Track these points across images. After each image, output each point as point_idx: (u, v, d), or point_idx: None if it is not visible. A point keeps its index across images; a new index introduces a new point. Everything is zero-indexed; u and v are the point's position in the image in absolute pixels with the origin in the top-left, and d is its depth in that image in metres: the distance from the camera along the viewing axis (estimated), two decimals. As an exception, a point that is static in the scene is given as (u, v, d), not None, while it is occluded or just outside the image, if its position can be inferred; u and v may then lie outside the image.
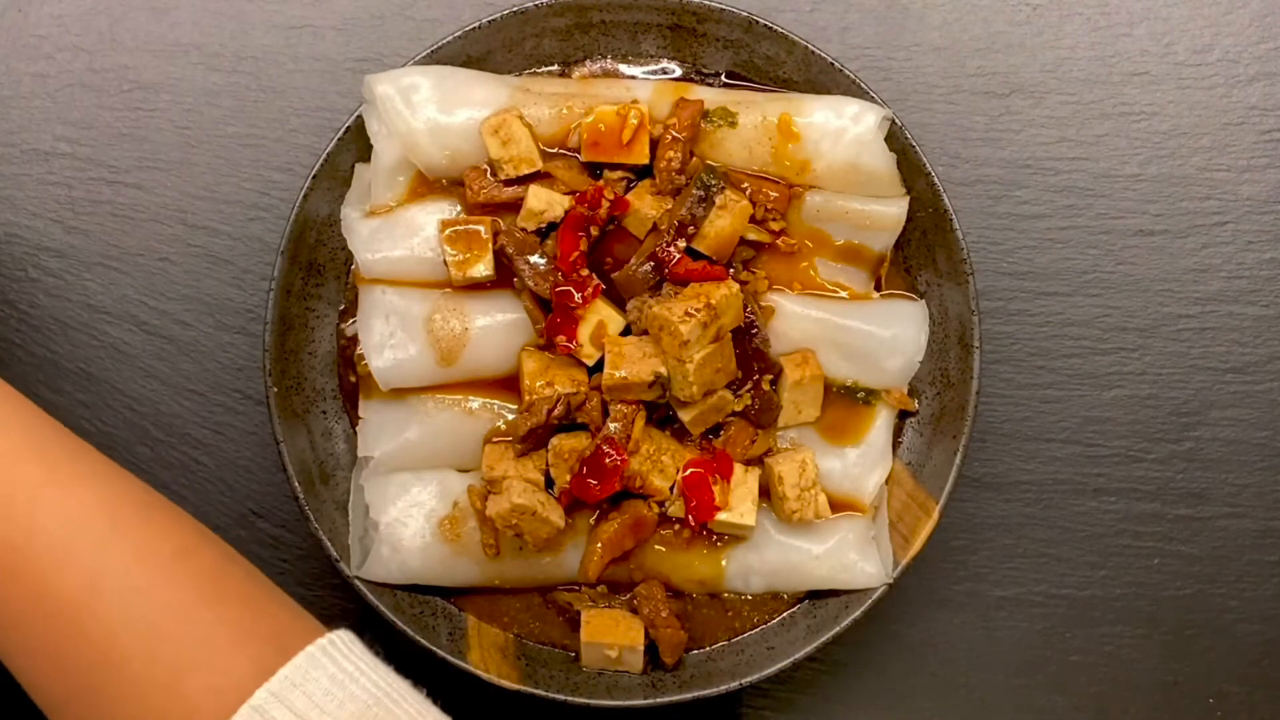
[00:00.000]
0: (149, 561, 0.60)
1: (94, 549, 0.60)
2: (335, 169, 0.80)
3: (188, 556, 0.62)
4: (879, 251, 0.81)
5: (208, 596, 0.61)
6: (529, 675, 0.77)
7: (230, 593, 0.62)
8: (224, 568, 0.63)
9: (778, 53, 0.82)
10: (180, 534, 0.63)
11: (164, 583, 0.60)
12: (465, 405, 0.78)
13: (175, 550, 0.62)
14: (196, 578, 0.61)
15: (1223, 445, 0.88)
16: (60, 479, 0.62)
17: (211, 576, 0.62)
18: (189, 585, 0.61)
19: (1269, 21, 0.91)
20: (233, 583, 0.63)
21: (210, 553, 0.63)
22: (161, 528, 0.62)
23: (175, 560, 0.61)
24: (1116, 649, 0.87)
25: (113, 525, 0.61)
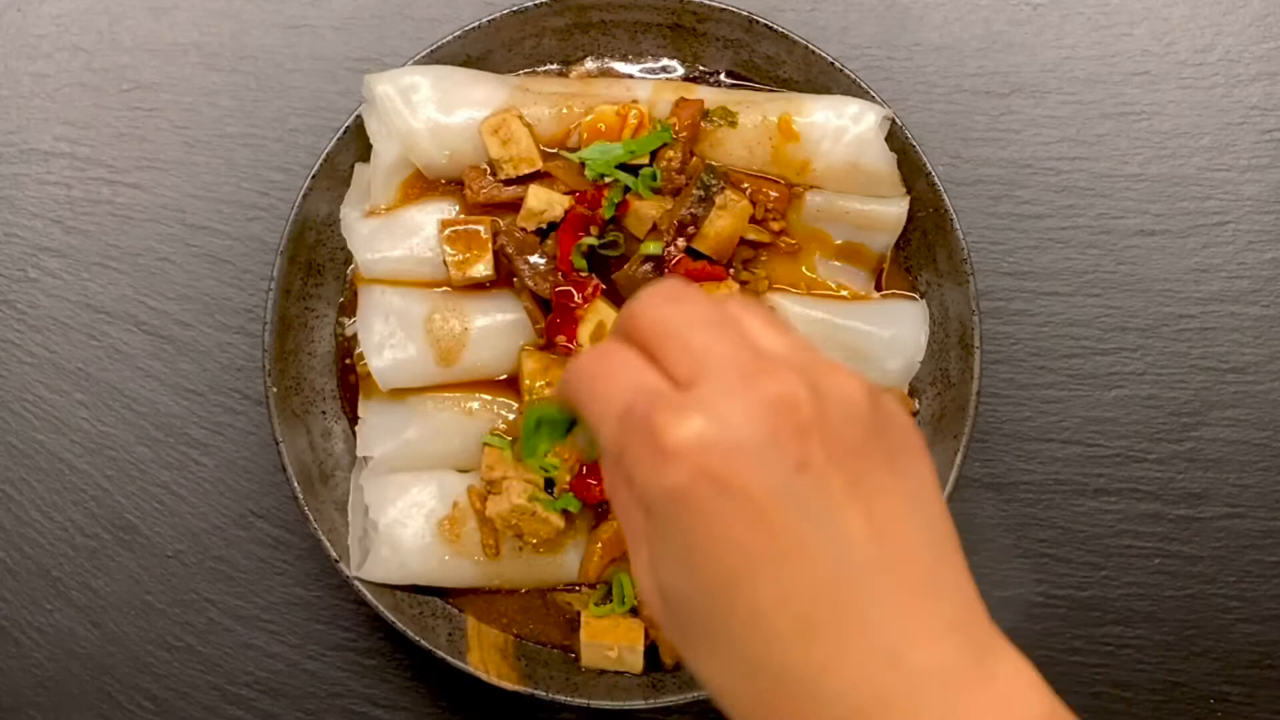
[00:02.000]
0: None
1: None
2: (335, 169, 0.80)
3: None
4: (879, 251, 0.81)
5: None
6: (529, 676, 0.77)
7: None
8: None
9: (778, 52, 0.81)
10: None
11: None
12: (465, 405, 0.78)
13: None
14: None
15: (1224, 445, 0.88)
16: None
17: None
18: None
19: (1269, 21, 0.91)
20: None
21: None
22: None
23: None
24: (1116, 649, 0.87)
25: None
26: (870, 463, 0.49)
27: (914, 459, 0.51)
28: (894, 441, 0.50)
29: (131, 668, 0.84)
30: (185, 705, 0.84)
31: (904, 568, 0.48)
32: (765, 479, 0.46)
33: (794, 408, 0.47)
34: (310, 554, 0.85)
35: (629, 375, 0.50)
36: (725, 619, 0.47)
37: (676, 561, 0.48)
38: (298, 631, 0.85)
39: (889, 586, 0.47)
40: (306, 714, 0.84)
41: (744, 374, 0.48)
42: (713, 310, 0.51)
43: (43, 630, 0.85)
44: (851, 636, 0.47)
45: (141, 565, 0.85)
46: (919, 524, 0.49)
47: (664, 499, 0.47)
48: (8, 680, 0.85)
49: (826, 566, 0.47)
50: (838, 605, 0.47)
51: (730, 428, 0.46)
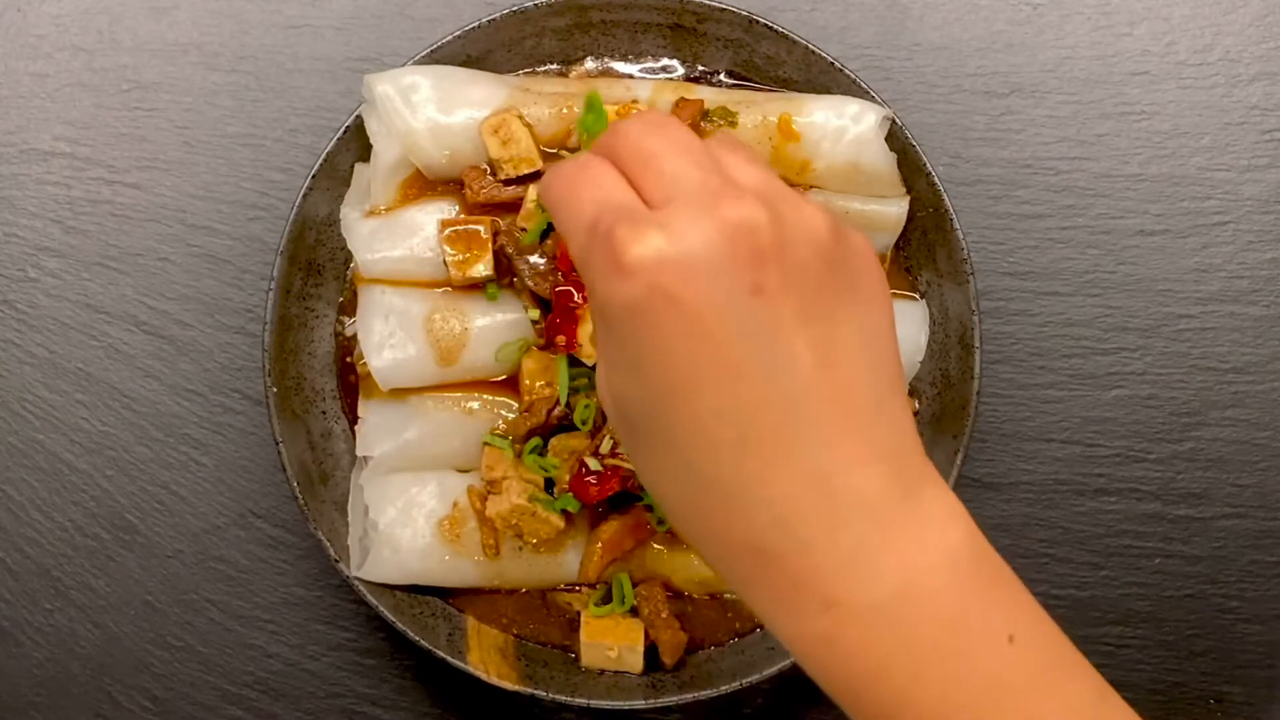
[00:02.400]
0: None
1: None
2: (335, 169, 0.80)
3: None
4: (879, 251, 0.81)
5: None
6: (529, 676, 0.77)
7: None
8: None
9: (778, 52, 0.81)
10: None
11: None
12: (465, 405, 0.78)
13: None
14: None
15: (1224, 445, 0.88)
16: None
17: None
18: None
19: (1270, 21, 0.91)
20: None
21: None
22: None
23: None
24: (1117, 649, 0.87)
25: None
26: (825, 294, 0.50)
27: (871, 297, 0.52)
28: (854, 277, 0.52)
29: (131, 668, 0.84)
30: (185, 705, 0.84)
31: (844, 397, 0.50)
32: (718, 298, 0.48)
33: (754, 233, 0.49)
34: (310, 554, 0.85)
35: (602, 188, 0.51)
36: (669, 426, 0.50)
37: (628, 369, 0.50)
38: (298, 631, 0.85)
39: (825, 412, 0.49)
40: (306, 714, 0.84)
41: (710, 198, 0.49)
42: (693, 141, 0.52)
43: (43, 630, 0.85)
44: (783, 453, 0.49)
45: (141, 565, 0.85)
46: (866, 359, 0.51)
47: (619, 311, 0.49)
48: (8, 680, 0.85)
49: (768, 387, 0.49)
50: (774, 424, 0.49)
51: (688, 247, 0.48)
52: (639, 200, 0.51)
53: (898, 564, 0.49)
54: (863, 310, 0.52)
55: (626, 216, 0.49)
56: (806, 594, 0.49)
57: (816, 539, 0.49)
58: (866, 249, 0.53)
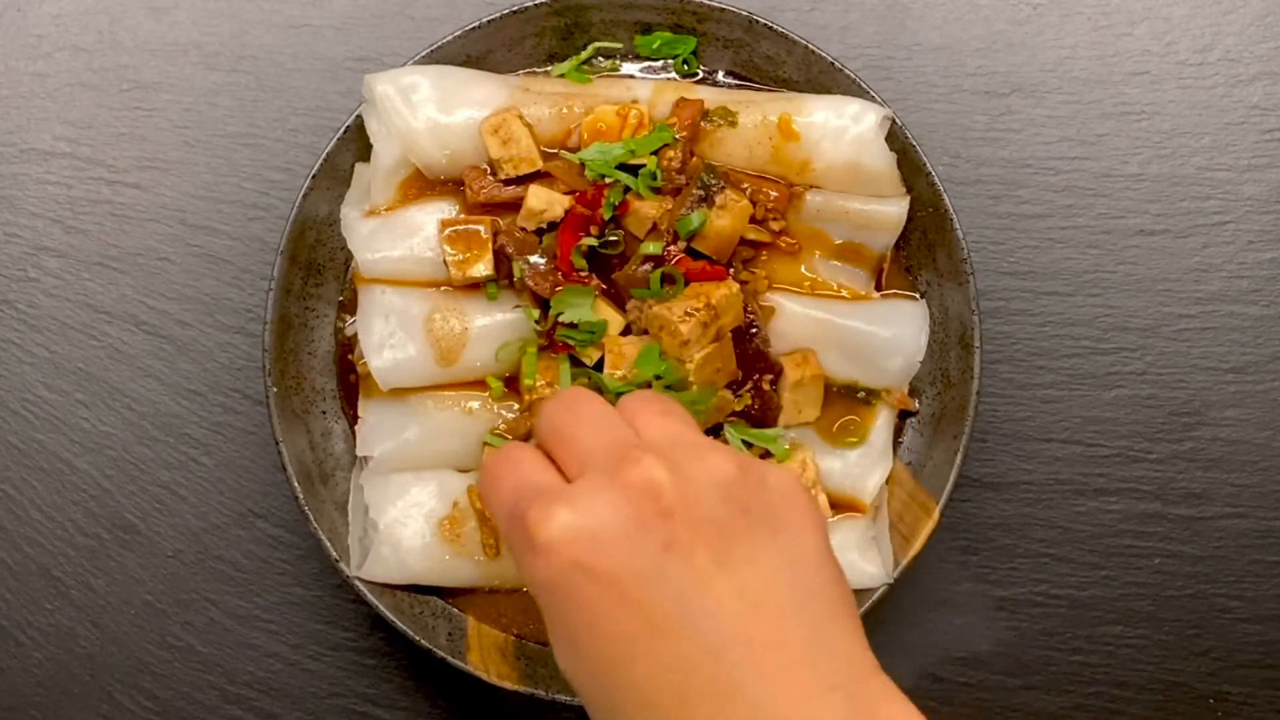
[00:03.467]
0: None
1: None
2: (335, 169, 0.80)
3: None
4: (879, 251, 0.81)
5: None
6: (529, 676, 0.77)
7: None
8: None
9: (778, 52, 0.81)
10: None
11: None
12: (465, 405, 0.78)
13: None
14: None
15: (1224, 445, 0.88)
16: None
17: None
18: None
19: (1270, 21, 0.91)
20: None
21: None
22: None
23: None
24: (1116, 649, 0.87)
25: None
26: (741, 537, 0.51)
27: (797, 529, 0.53)
28: (773, 514, 0.52)
29: (131, 668, 0.84)
30: (185, 705, 0.84)
31: (777, 635, 0.50)
32: (631, 562, 0.49)
33: (655, 492, 0.50)
34: (310, 554, 0.85)
35: (519, 475, 0.54)
36: (612, 697, 0.50)
37: (566, 647, 0.52)
38: (298, 631, 0.85)
39: (761, 655, 0.49)
40: (306, 714, 0.84)
41: (615, 465, 0.51)
42: (603, 411, 0.55)
43: (43, 630, 0.85)
44: (728, 704, 0.49)
45: (141, 565, 0.85)
46: (795, 591, 0.51)
47: (542, 591, 0.51)
48: (8, 680, 0.85)
49: (698, 641, 0.49)
50: (712, 676, 0.49)
51: (595, 518, 0.50)
52: (558, 479, 0.53)
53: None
54: (787, 544, 0.52)
55: (538, 497, 0.51)
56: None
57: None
58: (786, 482, 0.54)
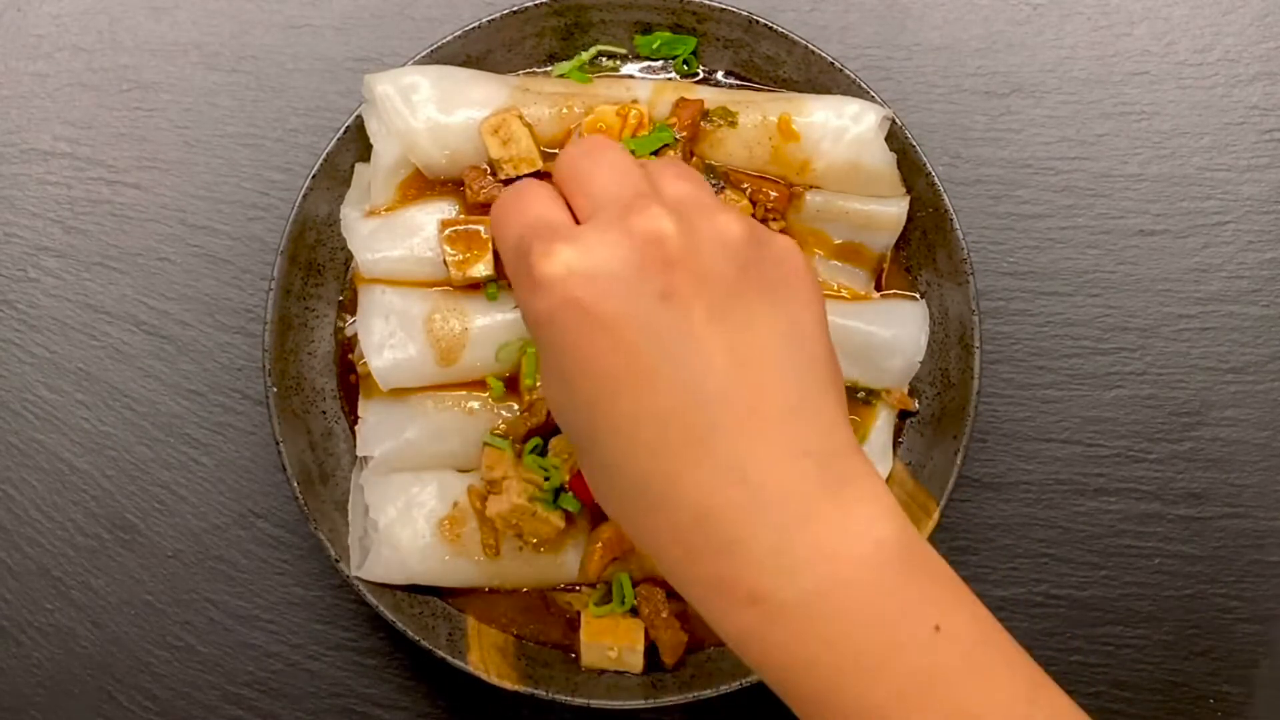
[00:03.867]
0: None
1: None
2: (335, 169, 0.80)
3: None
4: (879, 251, 0.81)
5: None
6: (529, 675, 0.77)
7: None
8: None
9: (778, 52, 0.82)
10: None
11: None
12: (465, 405, 0.78)
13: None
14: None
15: (1224, 445, 0.88)
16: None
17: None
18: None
19: (1270, 21, 0.91)
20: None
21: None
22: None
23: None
24: (1116, 649, 0.87)
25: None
26: (741, 299, 0.52)
27: (794, 296, 0.54)
28: (774, 281, 0.53)
29: (131, 668, 0.84)
30: (185, 705, 0.84)
31: (760, 396, 0.51)
32: (627, 306, 0.50)
33: (661, 241, 0.51)
34: (310, 554, 0.85)
35: (530, 210, 0.54)
36: (596, 431, 0.52)
37: (556, 379, 0.53)
38: (298, 631, 0.85)
39: (741, 411, 0.50)
40: (306, 714, 0.84)
41: (624, 211, 0.52)
42: (625, 161, 0.55)
43: (43, 630, 0.85)
44: (700, 453, 0.50)
45: (141, 565, 0.85)
46: (786, 357, 0.52)
47: (537, 324, 0.52)
48: (8, 680, 0.85)
49: (681, 389, 0.50)
50: (688, 425, 0.50)
51: (597, 259, 0.50)
52: (568, 219, 0.54)
53: (819, 559, 0.50)
54: (785, 311, 0.53)
55: (544, 234, 0.52)
56: (732, 590, 0.51)
57: (738, 537, 0.50)
58: (792, 253, 0.54)
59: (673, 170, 0.56)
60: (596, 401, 0.51)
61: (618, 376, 0.50)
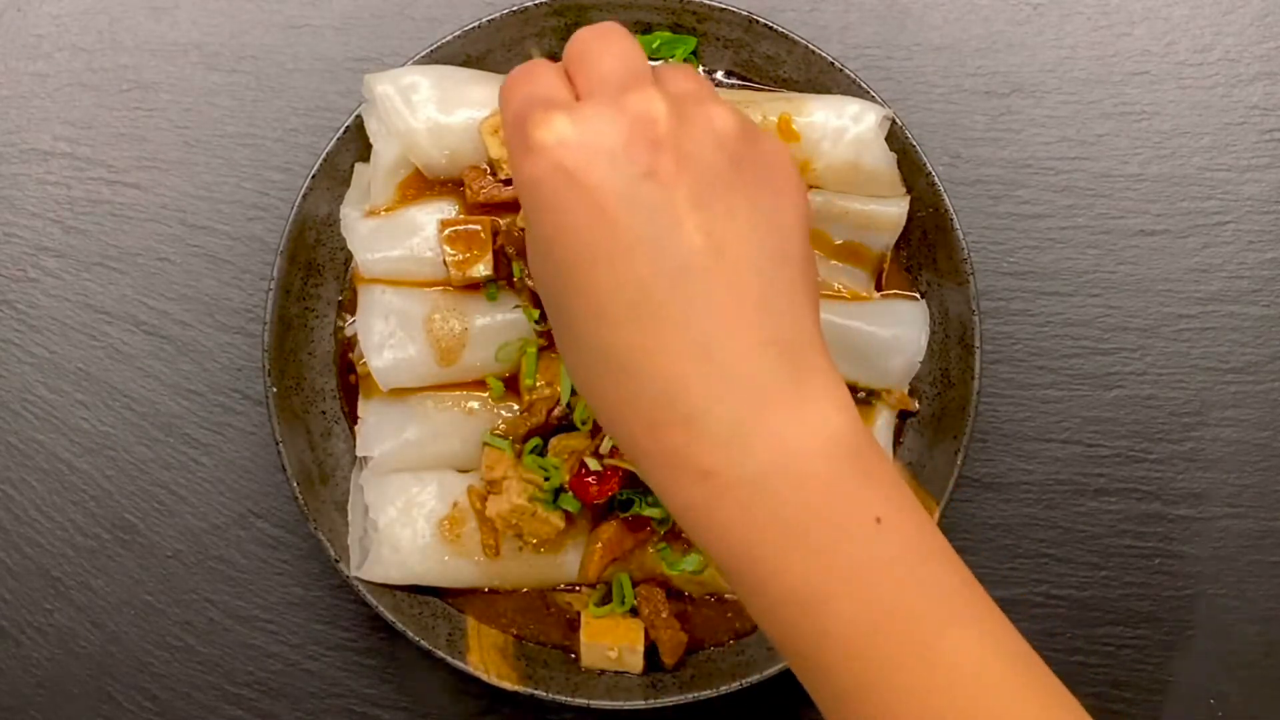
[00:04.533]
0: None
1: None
2: (335, 169, 0.80)
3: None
4: (879, 251, 0.81)
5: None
6: (529, 676, 0.77)
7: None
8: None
9: (778, 52, 0.81)
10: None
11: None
12: (465, 405, 0.78)
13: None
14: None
15: (1224, 446, 0.88)
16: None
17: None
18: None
19: (1270, 21, 0.91)
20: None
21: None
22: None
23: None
24: (1116, 649, 0.87)
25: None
26: (723, 186, 0.53)
27: (779, 193, 0.56)
28: (760, 175, 0.55)
29: (131, 668, 0.84)
30: (185, 705, 0.84)
31: (733, 281, 0.52)
32: (612, 180, 0.52)
33: (652, 123, 0.53)
34: (310, 554, 0.85)
35: (534, 84, 0.56)
36: (571, 299, 0.54)
37: (538, 245, 0.55)
38: (298, 631, 0.85)
39: (713, 294, 0.52)
40: (306, 714, 0.84)
41: (620, 90, 0.54)
42: (633, 49, 0.57)
43: (43, 630, 0.85)
44: (670, 328, 0.52)
45: (141, 565, 0.85)
46: (764, 250, 0.54)
47: (526, 188, 0.54)
48: (8, 680, 0.85)
49: (657, 264, 0.52)
50: (661, 300, 0.52)
51: (588, 132, 0.52)
52: (568, 95, 0.56)
53: (773, 442, 0.51)
54: (767, 205, 0.54)
55: (542, 104, 0.54)
56: (685, 464, 0.52)
57: (696, 412, 0.51)
58: (781, 153, 0.56)
59: (680, 70, 0.58)
60: (575, 268, 0.52)
61: (597, 245, 0.52)
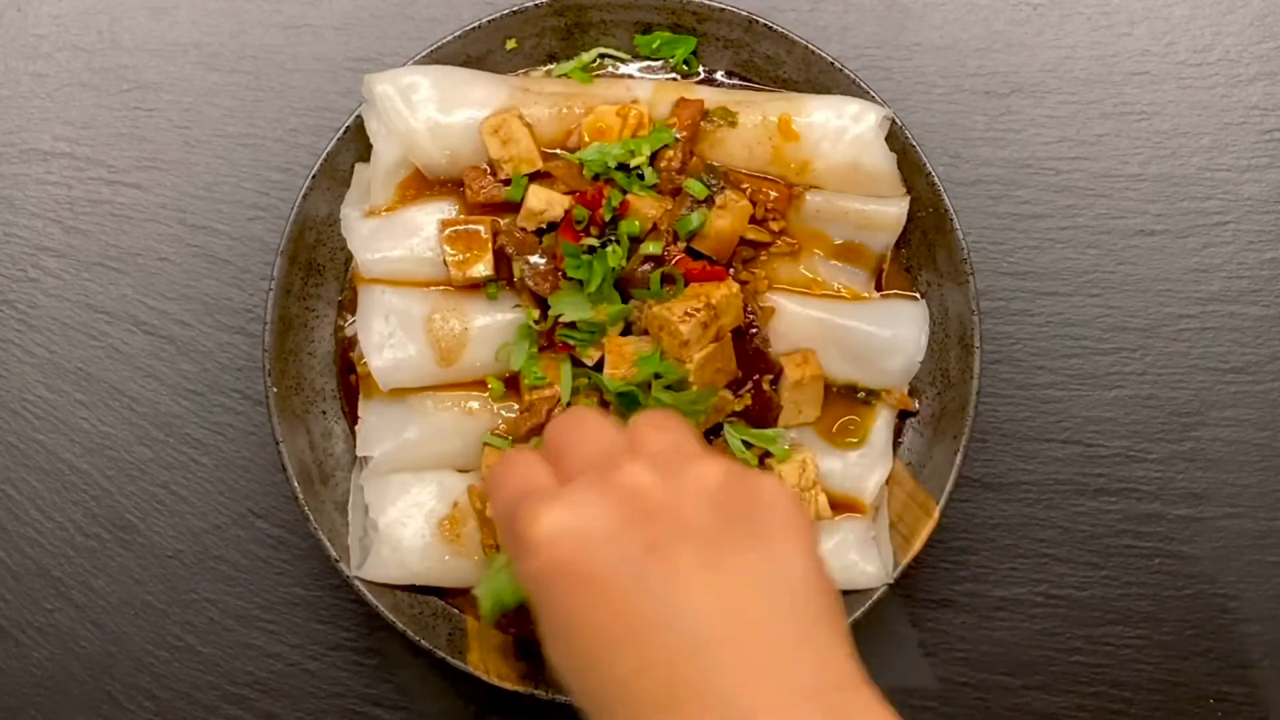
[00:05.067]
0: None
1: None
2: (335, 169, 0.80)
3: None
4: (879, 251, 0.81)
5: None
6: (529, 676, 0.77)
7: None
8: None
9: (778, 52, 0.81)
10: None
11: None
12: (465, 405, 0.78)
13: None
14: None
15: (1223, 445, 0.88)
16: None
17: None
18: None
19: (1269, 21, 0.91)
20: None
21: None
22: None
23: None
24: (1116, 649, 0.87)
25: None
26: (726, 544, 0.52)
27: (782, 538, 0.54)
28: (760, 524, 0.54)
29: (131, 668, 0.84)
30: (185, 705, 0.84)
31: (755, 641, 0.51)
32: (614, 562, 0.51)
33: (643, 495, 0.52)
34: (310, 554, 0.85)
35: (519, 477, 0.56)
36: (597, 689, 0.52)
37: (553, 639, 0.53)
38: (298, 631, 0.85)
39: (738, 659, 0.50)
40: (306, 714, 0.84)
41: (607, 469, 0.53)
42: (605, 426, 0.57)
43: (43, 630, 0.85)
44: (703, 707, 0.49)
45: (141, 565, 0.85)
46: (778, 599, 0.52)
47: (531, 585, 0.53)
48: (8, 680, 0.85)
49: (676, 641, 0.50)
50: (688, 676, 0.50)
51: (583, 519, 0.52)
52: (552, 483, 0.55)
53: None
54: (773, 553, 0.53)
55: (530, 498, 0.53)
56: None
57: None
58: (776, 493, 0.55)
59: (653, 423, 0.57)
60: (596, 662, 0.51)
61: (612, 632, 0.51)
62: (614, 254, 0.75)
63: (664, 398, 0.73)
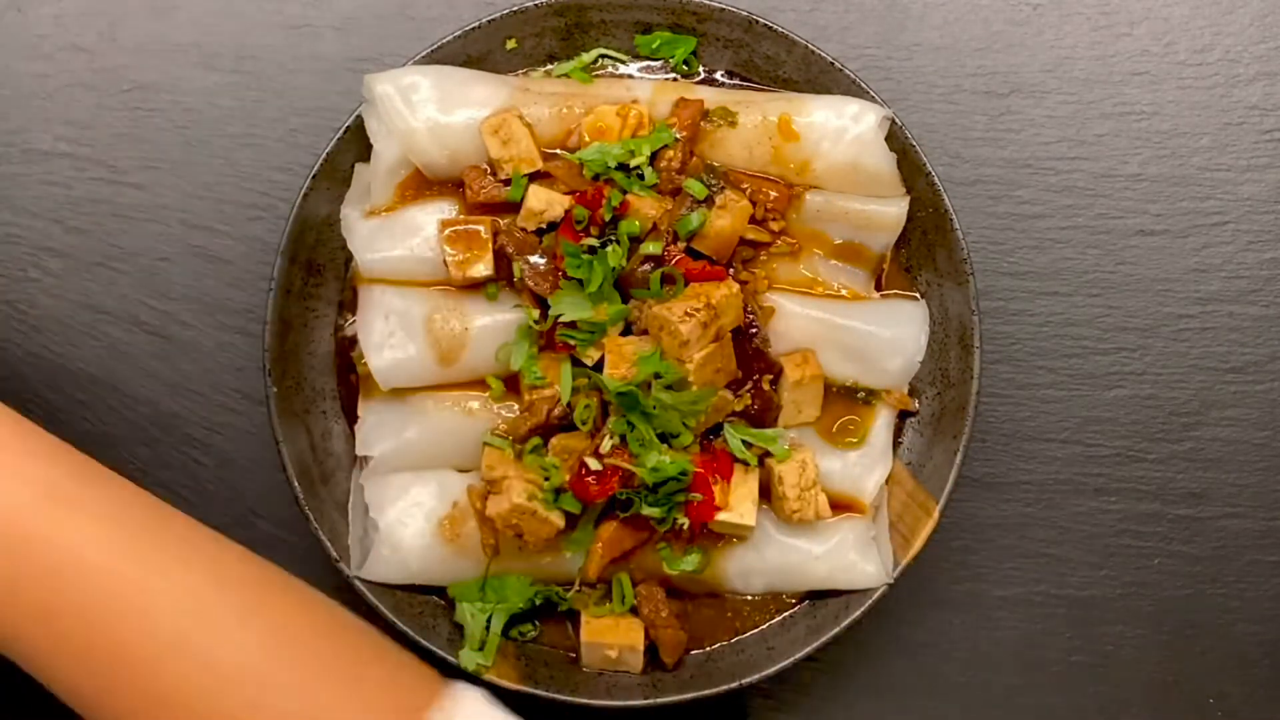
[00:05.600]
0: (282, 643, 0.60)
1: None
2: (335, 169, 0.80)
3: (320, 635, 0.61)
4: (879, 251, 0.81)
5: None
6: (529, 675, 0.77)
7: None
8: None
9: (778, 52, 0.82)
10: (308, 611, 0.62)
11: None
12: (465, 405, 0.78)
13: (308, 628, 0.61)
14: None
15: (1223, 445, 0.88)
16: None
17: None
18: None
19: (1269, 21, 0.91)
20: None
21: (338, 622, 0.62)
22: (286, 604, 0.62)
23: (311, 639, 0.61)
24: (1116, 649, 0.87)
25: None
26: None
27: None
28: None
29: (132, 667, 0.84)
30: (185, 705, 0.84)
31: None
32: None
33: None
34: (310, 554, 0.85)
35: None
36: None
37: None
38: (298, 631, 0.84)
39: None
40: (307, 714, 0.84)
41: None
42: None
43: (43, 630, 0.84)
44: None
45: (142, 565, 0.85)
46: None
47: None
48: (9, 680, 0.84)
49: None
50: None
51: None
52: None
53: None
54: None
55: None
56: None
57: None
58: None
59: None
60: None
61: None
62: (614, 254, 0.75)
63: (664, 398, 0.73)
